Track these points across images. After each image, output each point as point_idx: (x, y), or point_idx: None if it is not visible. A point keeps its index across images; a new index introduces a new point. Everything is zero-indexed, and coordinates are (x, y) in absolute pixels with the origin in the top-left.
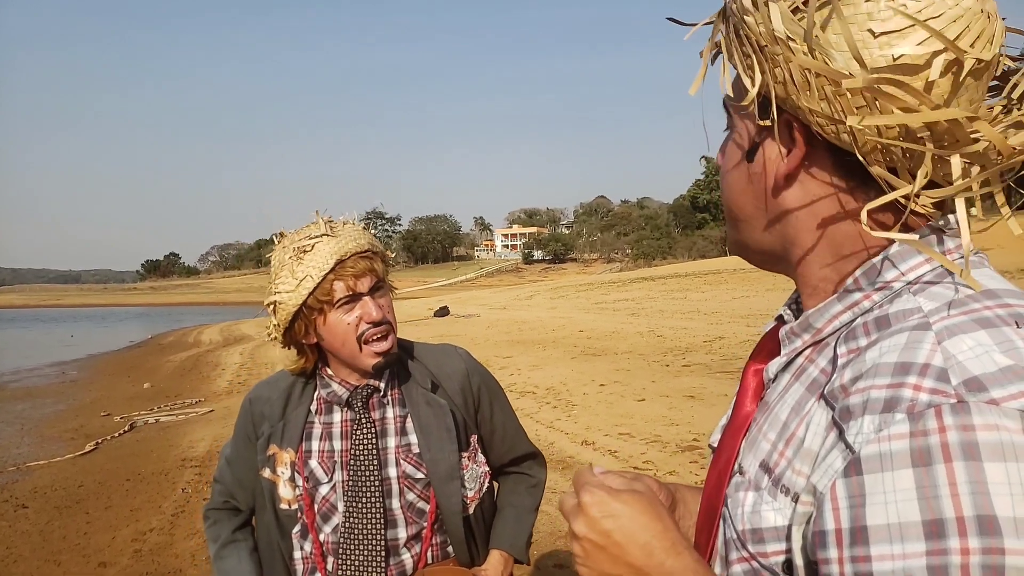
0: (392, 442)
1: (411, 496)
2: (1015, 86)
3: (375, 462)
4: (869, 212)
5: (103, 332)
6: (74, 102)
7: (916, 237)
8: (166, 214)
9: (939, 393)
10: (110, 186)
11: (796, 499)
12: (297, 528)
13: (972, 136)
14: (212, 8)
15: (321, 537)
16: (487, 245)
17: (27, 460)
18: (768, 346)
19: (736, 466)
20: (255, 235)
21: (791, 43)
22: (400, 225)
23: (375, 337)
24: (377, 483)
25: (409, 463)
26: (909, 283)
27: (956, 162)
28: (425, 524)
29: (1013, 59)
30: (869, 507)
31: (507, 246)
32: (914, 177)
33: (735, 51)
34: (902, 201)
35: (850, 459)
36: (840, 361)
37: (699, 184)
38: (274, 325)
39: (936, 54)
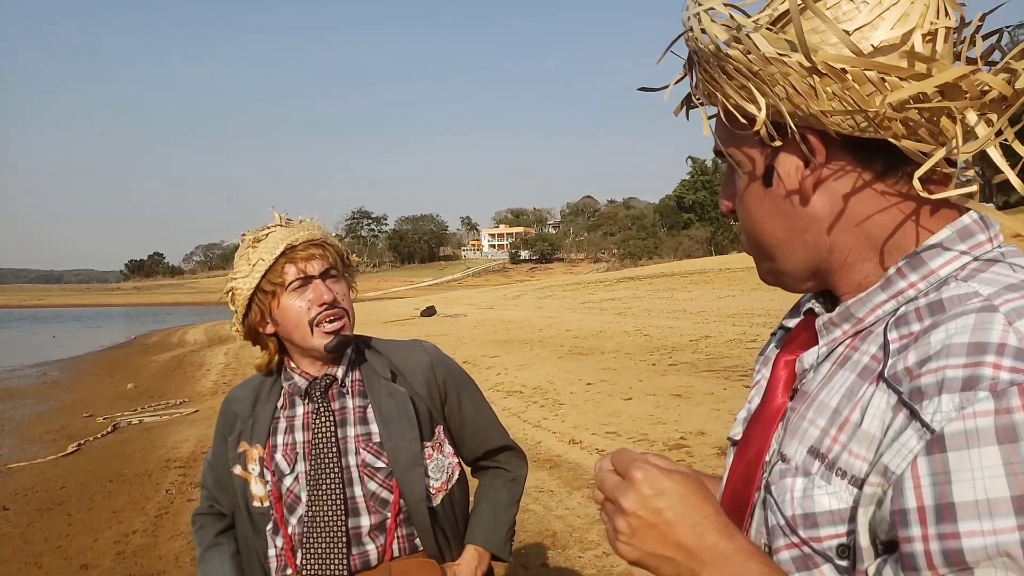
0: (352, 431)
1: (372, 485)
2: (966, 48)
3: (334, 451)
4: (901, 194)
5: (86, 332)
6: (55, 99)
7: (976, 189)
8: (150, 213)
9: (1020, 372)
10: (93, 184)
11: (858, 483)
12: (270, 525)
13: (979, 89)
14: (197, 4)
15: (289, 530)
16: (474, 245)
17: (7, 462)
18: (801, 337)
19: (772, 455)
20: (240, 234)
21: (785, 58)
22: (386, 225)
23: (327, 319)
24: (337, 471)
25: (369, 452)
26: (955, 271)
27: (972, 115)
28: (389, 514)
29: (954, 29)
30: (956, 484)
31: (494, 246)
32: (939, 143)
33: (727, 88)
34: (942, 166)
35: (930, 437)
36: (893, 346)
37: (685, 184)
38: (234, 315)
39: (910, 32)
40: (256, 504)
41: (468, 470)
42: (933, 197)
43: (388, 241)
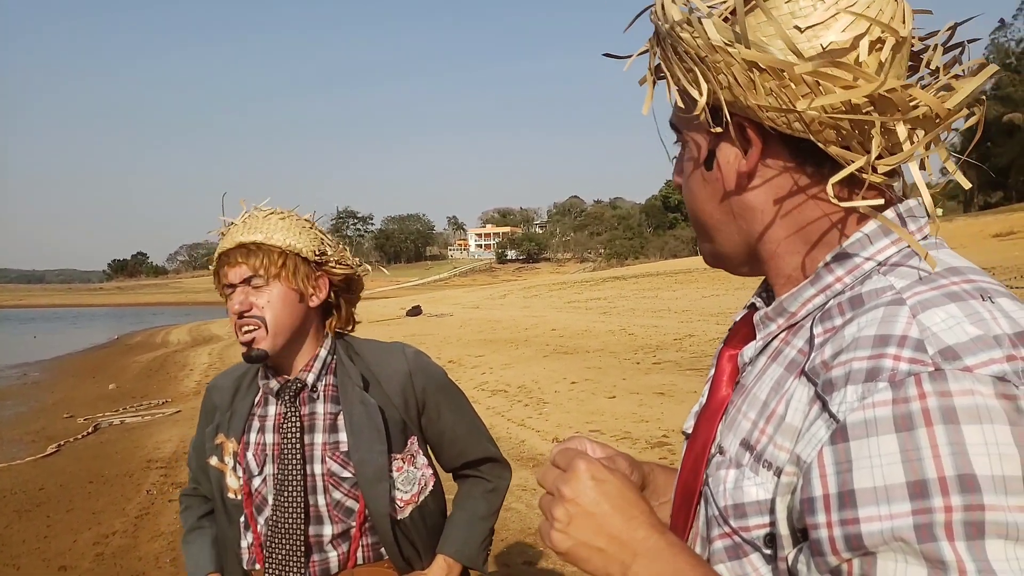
0: (319, 438)
1: (337, 494)
2: (930, 60)
3: (299, 457)
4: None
5: (67, 332)
6: (36, 97)
7: (881, 201)
8: (133, 213)
9: (918, 362)
10: (75, 184)
11: (779, 472)
12: (242, 519)
13: (911, 104)
14: (190, 4)
15: (259, 528)
16: (460, 244)
17: None
18: (742, 331)
19: (715, 448)
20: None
21: (729, 48)
22: (373, 224)
23: (241, 328)
24: (300, 479)
25: (335, 461)
26: (878, 264)
27: (901, 129)
28: (354, 524)
29: (922, 39)
30: (856, 471)
31: (480, 246)
32: (867, 151)
33: (676, 68)
34: (859, 174)
35: (835, 427)
36: (817, 340)
37: (670, 184)
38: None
39: (860, 37)
40: (231, 496)
41: (448, 476)
42: (843, 205)
43: (374, 241)
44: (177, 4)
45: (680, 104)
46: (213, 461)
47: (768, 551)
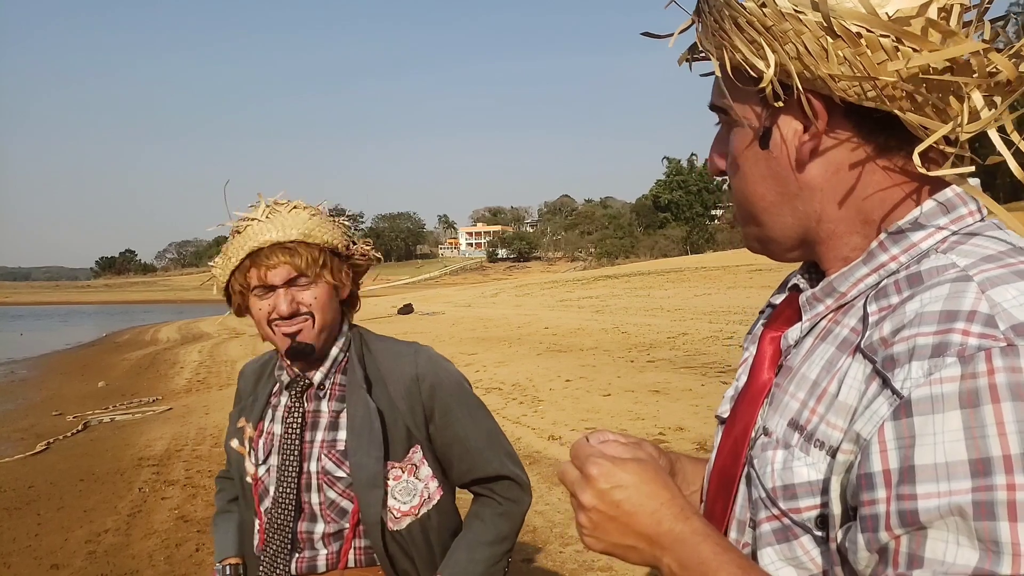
0: (319, 436)
1: (332, 494)
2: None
3: (296, 453)
4: (896, 169)
5: (55, 330)
6: (22, 92)
7: (972, 169)
8: (122, 210)
9: (988, 337)
10: (63, 180)
11: (832, 452)
12: (255, 502)
13: (988, 69)
14: (181, 4)
15: (263, 516)
16: (451, 243)
17: None
18: (785, 313)
19: (758, 430)
20: (215, 232)
21: (800, 15)
22: (363, 222)
23: (285, 325)
24: (295, 474)
25: (331, 459)
26: (936, 244)
27: (978, 96)
28: (347, 525)
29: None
30: (918, 448)
31: (471, 244)
32: (942, 121)
33: (736, 40)
34: (941, 145)
35: (899, 403)
36: (872, 318)
37: (661, 184)
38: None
39: (927, 4)
40: (248, 480)
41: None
42: (931, 174)
43: (364, 239)
44: (168, 4)
45: (731, 78)
46: (234, 444)
47: (820, 533)
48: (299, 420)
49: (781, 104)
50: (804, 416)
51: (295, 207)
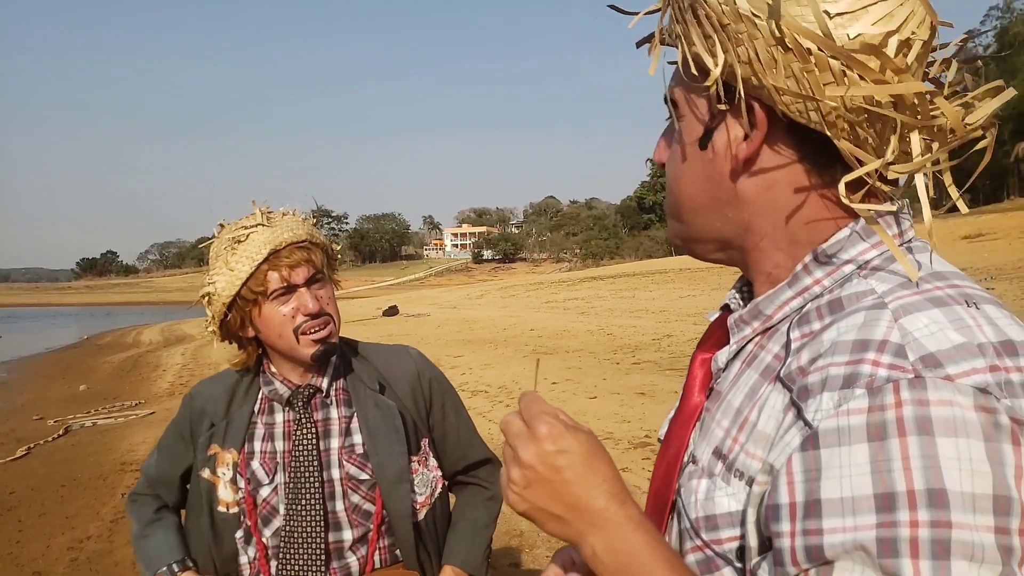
0: (336, 443)
1: (355, 498)
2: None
3: (315, 463)
4: (827, 191)
5: (35, 332)
6: (2, 92)
7: (893, 208)
8: (103, 210)
9: (897, 368)
10: (43, 180)
11: (750, 482)
12: (240, 533)
13: (931, 112)
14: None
15: (263, 540)
16: (436, 244)
17: None
18: (716, 334)
19: (688, 456)
20: (197, 233)
21: (756, 20)
22: (347, 223)
23: (312, 329)
24: (317, 485)
25: (353, 464)
26: (859, 268)
27: (916, 138)
28: (371, 526)
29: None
30: (824, 481)
31: (456, 245)
32: (877, 155)
33: (693, 32)
34: (866, 177)
35: (808, 434)
36: (794, 345)
37: (645, 185)
38: (209, 318)
39: (890, 34)
40: (222, 509)
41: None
42: (853, 206)
43: (349, 240)
44: (156, 4)
45: (690, 71)
46: (205, 474)
47: (740, 564)
48: (312, 431)
49: (724, 107)
50: (727, 445)
51: (286, 214)
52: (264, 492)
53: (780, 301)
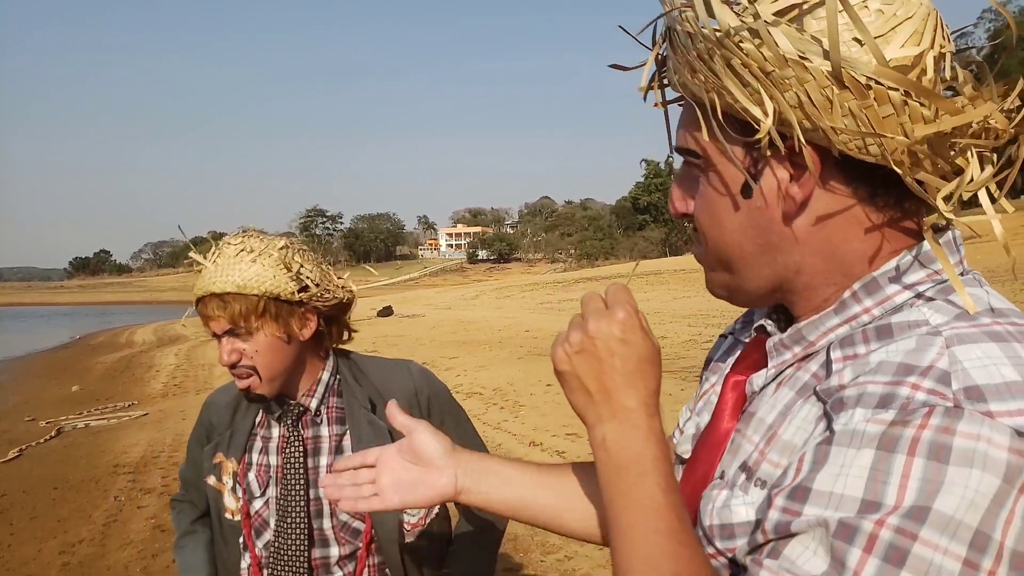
0: (324, 460)
1: (344, 516)
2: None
3: (302, 481)
4: (880, 221)
5: (27, 332)
6: None
7: (956, 231)
8: (96, 209)
9: (936, 394)
10: (36, 178)
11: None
12: (241, 540)
13: (984, 127)
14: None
15: (256, 551)
16: (431, 244)
17: None
18: (752, 356)
19: (716, 475)
20: (191, 232)
21: (806, 62)
22: (342, 223)
23: (235, 377)
24: (303, 503)
25: None
26: (911, 298)
27: (974, 152)
28: (360, 544)
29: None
30: (821, 472)
31: (451, 245)
32: (941, 175)
33: (727, 83)
34: (932, 203)
35: (829, 435)
36: (835, 366)
37: (640, 186)
38: None
39: (924, 52)
40: (228, 516)
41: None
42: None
43: (343, 240)
44: (155, 4)
45: (721, 124)
46: (211, 481)
47: None
48: (300, 448)
49: (769, 152)
50: (753, 458)
51: (243, 250)
52: (257, 504)
53: (825, 327)
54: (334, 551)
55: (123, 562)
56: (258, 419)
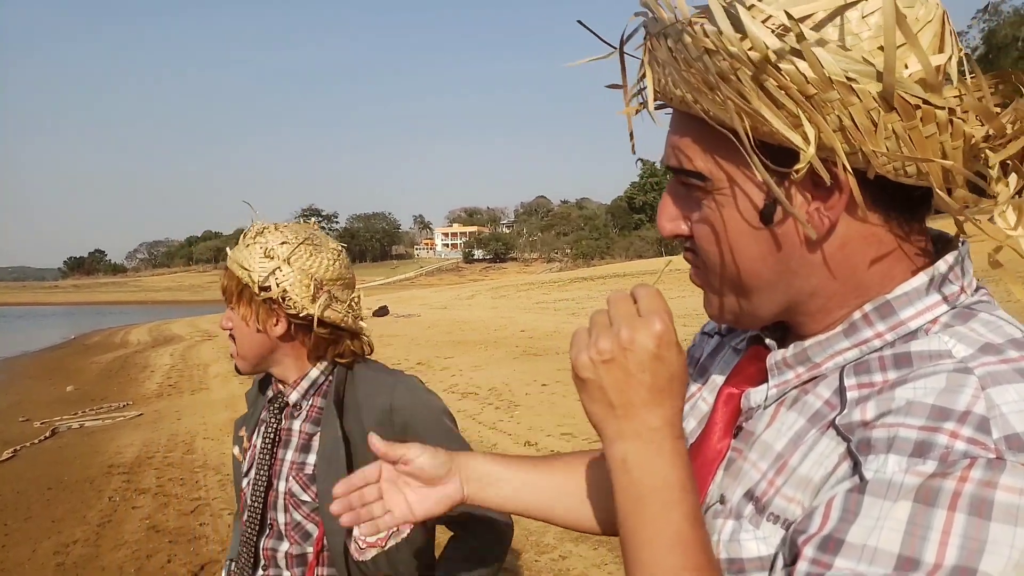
0: (289, 455)
1: (297, 516)
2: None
3: (266, 468)
4: (901, 238)
5: (21, 332)
6: None
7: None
8: (91, 209)
9: (978, 444)
10: (29, 177)
11: (787, 525)
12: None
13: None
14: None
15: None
16: (427, 244)
17: None
18: (748, 370)
19: (711, 498)
20: (186, 232)
21: (854, 84)
22: (337, 223)
23: None
24: (263, 491)
25: (297, 481)
26: (927, 323)
27: (995, 162)
28: (311, 549)
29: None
30: (856, 524)
31: (447, 245)
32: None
33: (758, 106)
34: (977, 216)
35: (859, 482)
36: (851, 395)
37: (635, 186)
38: None
39: (948, 60)
40: (243, 486)
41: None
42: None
43: (339, 239)
44: (155, 4)
45: (749, 148)
46: (235, 451)
47: None
48: (272, 437)
49: (796, 176)
50: (761, 487)
51: (260, 233)
52: (244, 483)
53: (833, 350)
54: (283, 546)
55: (117, 563)
56: (266, 402)
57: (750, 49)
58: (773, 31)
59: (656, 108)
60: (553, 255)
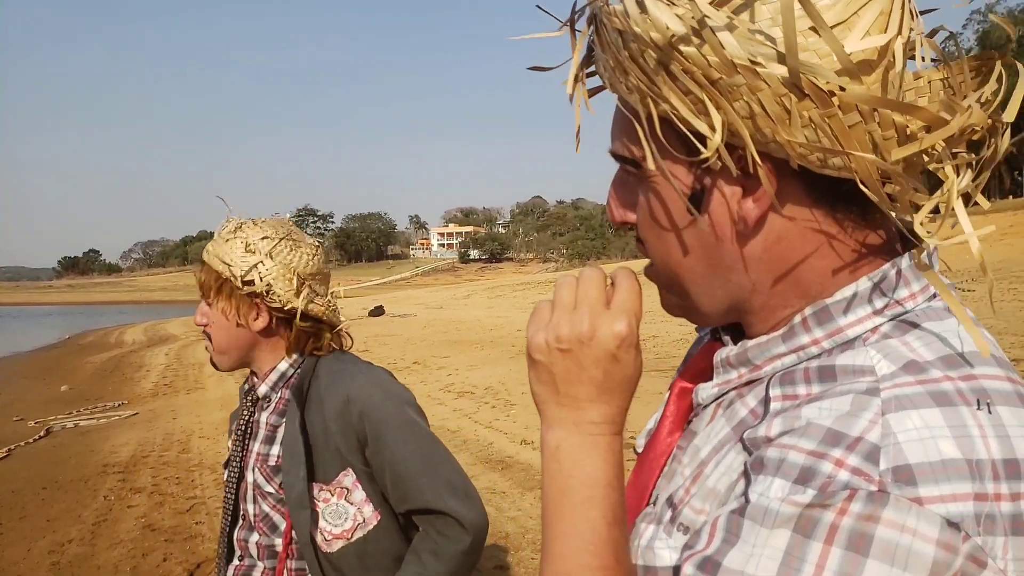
0: (256, 447)
1: (265, 507)
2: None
3: (239, 460)
4: (842, 237)
5: (15, 332)
6: None
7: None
8: (86, 208)
9: (862, 475)
10: (25, 177)
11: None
12: None
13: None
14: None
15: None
16: (423, 244)
17: None
18: (700, 365)
19: (654, 495)
20: (181, 232)
21: (759, 68)
22: (333, 222)
23: None
24: (235, 481)
25: (261, 473)
26: (866, 332)
27: (950, 160)
28: (280, 541)
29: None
30: (735, 549)
31: (443, 245)
32: (914, 187)
33: (666, 91)
34: (910, 217)
35: (744, 503)
36: (773, 405)
37: None
38: None
39: (891, 41)
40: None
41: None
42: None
43: (335, 239)
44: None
45: (659, 136)
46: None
47: None
48: (243, 429)
49: (717, 166)
50: (679, 494)
51: (235, 228)
52: (227, 473)
53: (771, 354)
54: (254, 536)
55: (113, 562)
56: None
57: (653, 31)
58: (683, 14)
59: (593, 93)
60: (549, 255)
